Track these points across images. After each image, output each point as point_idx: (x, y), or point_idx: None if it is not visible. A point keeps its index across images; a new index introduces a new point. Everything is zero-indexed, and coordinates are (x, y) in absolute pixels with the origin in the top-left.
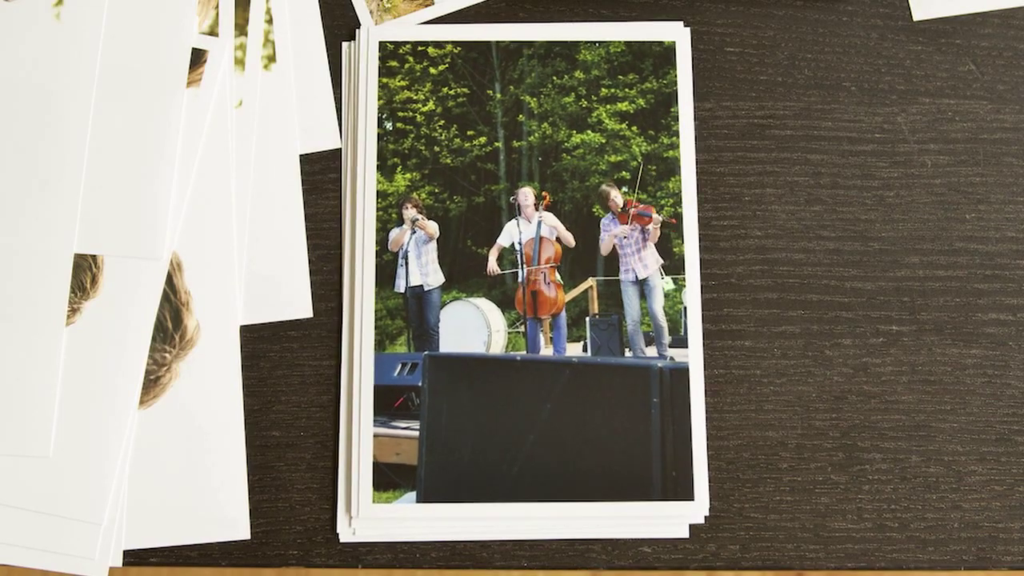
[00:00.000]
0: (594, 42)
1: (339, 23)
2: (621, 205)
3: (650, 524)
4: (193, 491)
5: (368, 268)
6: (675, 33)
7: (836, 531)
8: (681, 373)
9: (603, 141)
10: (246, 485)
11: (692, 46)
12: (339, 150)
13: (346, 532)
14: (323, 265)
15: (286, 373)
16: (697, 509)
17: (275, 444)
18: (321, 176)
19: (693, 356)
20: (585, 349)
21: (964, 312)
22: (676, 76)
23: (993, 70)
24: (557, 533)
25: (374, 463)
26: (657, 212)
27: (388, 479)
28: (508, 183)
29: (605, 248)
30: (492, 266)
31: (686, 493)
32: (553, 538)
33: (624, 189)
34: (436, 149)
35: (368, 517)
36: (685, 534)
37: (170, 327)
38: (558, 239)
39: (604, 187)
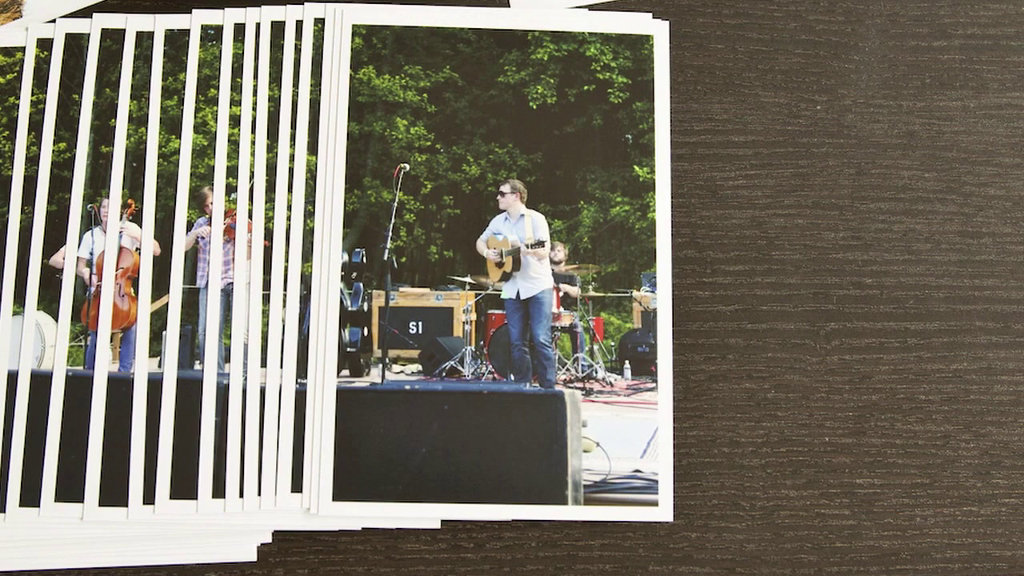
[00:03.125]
0: (212, 42)
1: None
2: (223, 211)
3: (219, 546)
4: None
5: None
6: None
7: (408, 552)
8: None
9: (205, 143)
10: None
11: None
12: None
13: None
14: None
15: None
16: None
17: None
18: None
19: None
20: (160, 364)
21: None
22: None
23: None
24: (111, 560)
25: None
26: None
27: None
28: (91, 190)
29: (187, 244)
30: (67, 272)
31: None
32: (116, 565)
33: (232, 196)
34: None
35: None
36: (253, 557)
37: None
38: (138, 249)
39: (204, 190)
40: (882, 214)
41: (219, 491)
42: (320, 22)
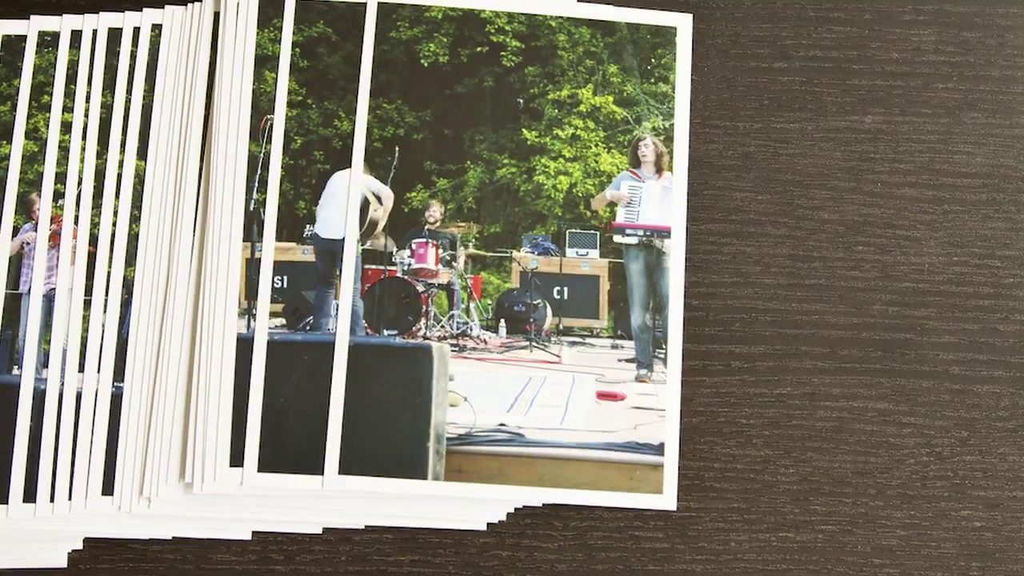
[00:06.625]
0: (49, 48)
1: None
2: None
3: (29, 552)
4: None
5: None
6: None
7: (219, 563)
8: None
9: (36, 150)
10: None
11: None
12: None
13: None
14: None
15: None
16: None
17: None
18: None
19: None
20: None
21: None
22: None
23: None
24: None
25: None
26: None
27: None
28: None
29: (12, 249)
30: None
31: None
32: None
33: (59, 203)
34: None
35: None
36: (63, 564)
37: None
38: None
39: (32, 196)
40: (712, 236)
41: (31, 495)
42: (157, 28)
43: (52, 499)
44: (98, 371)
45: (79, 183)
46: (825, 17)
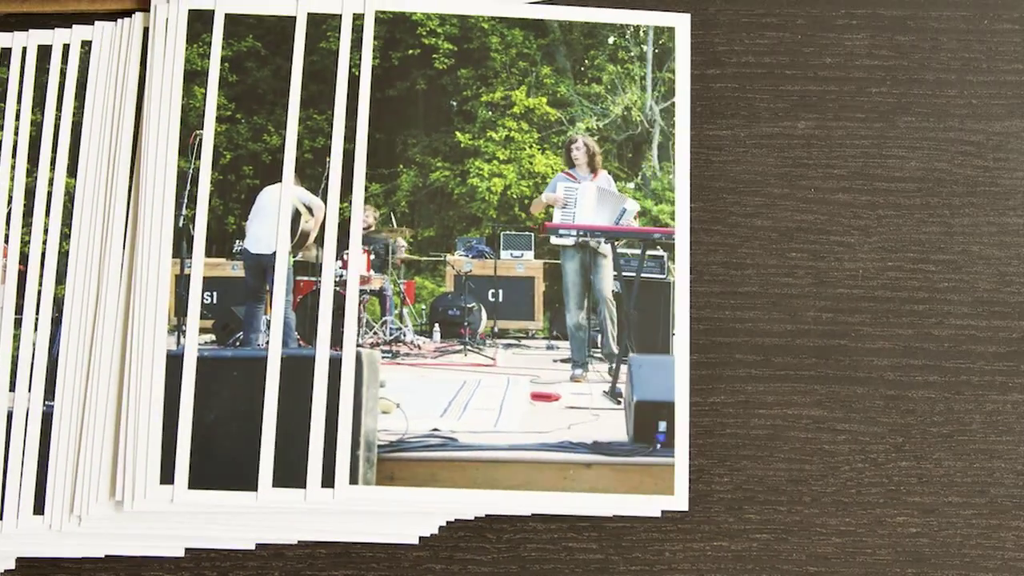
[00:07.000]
0: None
1: None
2: None
3: None
4: None
5: None
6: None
7: None
8: None
9: None
10: None
11: None
12: None
13: None
14: None
15: None
16: None
17: None
18: None
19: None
20: None
21: None
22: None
23: None
24: None
25: None
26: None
27: None
28: None
29: None
30: None
31: None
32: None
33: None
34: None
35: None
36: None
37: None
38: None
39: None
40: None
41: None
42: (87, 44)
43: None
44: (29, 390)
45: (9, 202)
46: (757, 23)
